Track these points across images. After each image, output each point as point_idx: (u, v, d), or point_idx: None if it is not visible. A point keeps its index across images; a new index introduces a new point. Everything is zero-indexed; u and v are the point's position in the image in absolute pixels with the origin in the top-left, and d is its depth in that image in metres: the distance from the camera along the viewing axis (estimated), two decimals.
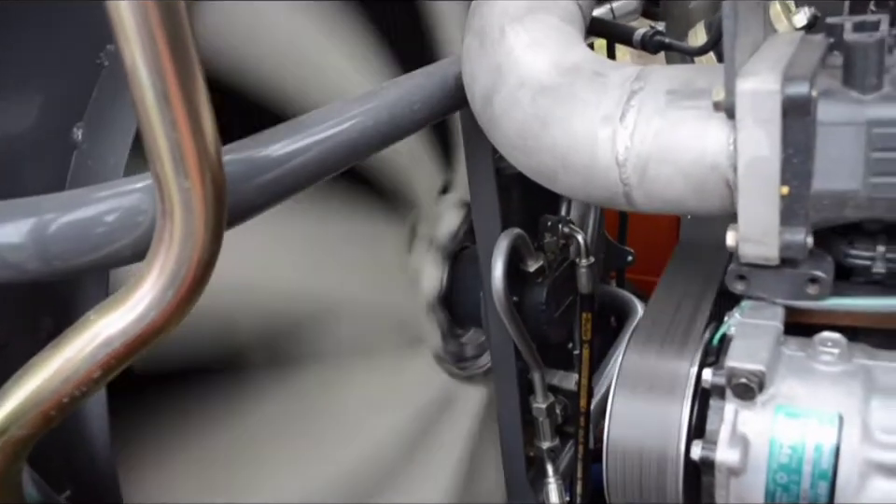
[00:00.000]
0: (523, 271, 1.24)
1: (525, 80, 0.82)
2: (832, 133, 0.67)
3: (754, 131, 0.66)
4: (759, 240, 0.70)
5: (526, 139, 0.82)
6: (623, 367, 0.77)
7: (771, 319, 0.74)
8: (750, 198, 0.69)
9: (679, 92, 0.74)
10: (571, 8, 0.91)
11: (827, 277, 0.72)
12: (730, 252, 0.75)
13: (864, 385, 0.69)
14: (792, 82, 0.64)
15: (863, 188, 0.67)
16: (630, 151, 0.75)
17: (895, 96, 0.66)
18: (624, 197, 0.77)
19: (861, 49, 0.66)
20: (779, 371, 0.71)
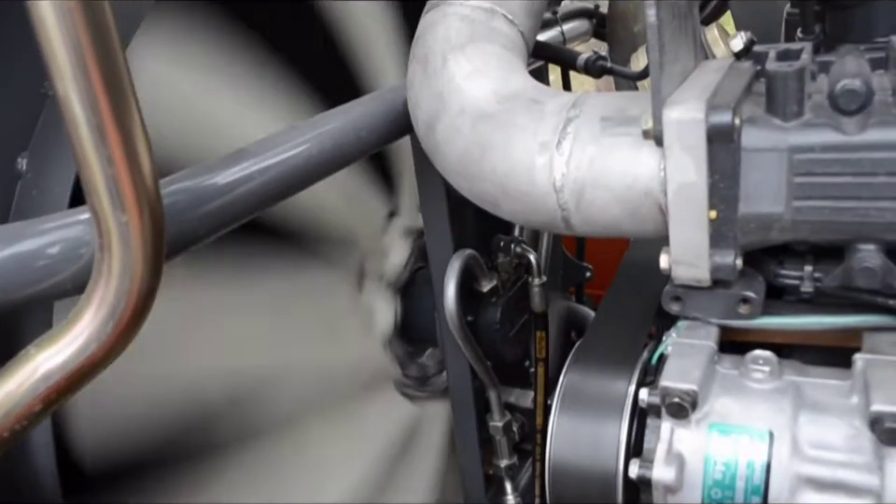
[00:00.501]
0: (477, 291, 1.26)
1: (465, 108, 0.84)
2: (756, 159, 0.70)
3: (681, 158, 0.69)
4: (690, 262, 0.73)
5: (468, 166, 0.84)
6: (564, 387, 0.80)
7: (705, 339, 0.76)
8: (680, 222, 0.72)
9: (613, 119, 0.77)
10: (513, 36, 0.94)
11: (757, 297, 0.75)
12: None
13: (794, 401, 0.72)
14: (716, 111, 0.68)
15: (787, 211, 0.70)
16: (567, 177, 0.77)
17: (815, 123, 0.69)
18: (563, 221, 0.80)
19: (781, 78, 0.69)
20: (713, 390, 0.74)
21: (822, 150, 0.68)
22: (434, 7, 0.96)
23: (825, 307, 0.78)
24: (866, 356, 0.71)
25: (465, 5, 0.94)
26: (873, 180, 0.67)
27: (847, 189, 0.68)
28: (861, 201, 0.67)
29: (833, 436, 0.69)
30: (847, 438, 0.69)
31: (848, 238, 0.69)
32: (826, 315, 0.76)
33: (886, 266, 0.68)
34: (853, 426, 0.69)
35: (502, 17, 0.94)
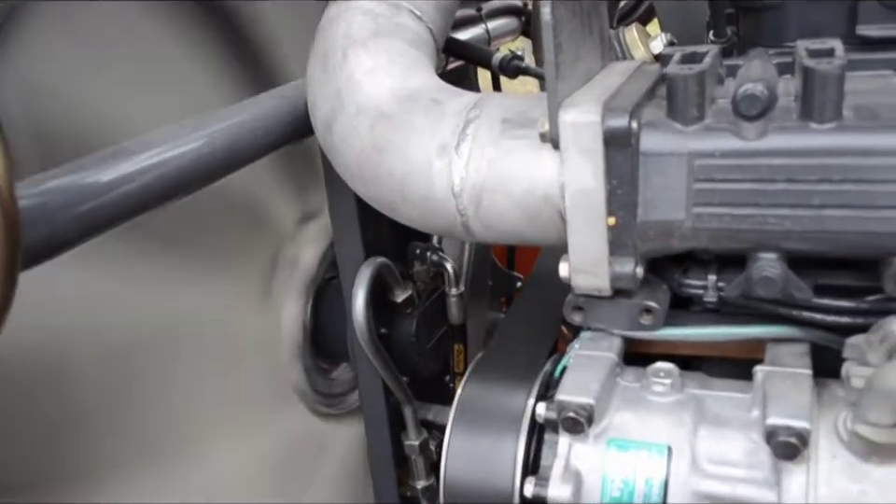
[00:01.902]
0: (391, 301, 1.25)
1: (363, 107, 0.84)
2: (655, 164, 0.71)
3: (578, 162, 0.70)
4: (589, 271, 0.74)
5: (364, 168, 0.83)
6: (460, 402, 0.80)
7: (607, 350, 0.77)
8: (578, 229, 0.73)
9: (513, 121, 0.77)
10: (420, 32, 0.94)
11: (660, 307, 0.76)
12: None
13: (694, 414, 0.73)
14: (613, 114, 0.68)
15: (687, 218, 0.71)
16: (465, 181, 0.77)
17: (716, 128, 0.71)
18: (463, 227, 0.80)
19: (680, 82, 0.70)
20: (613, 403, 0.75)
21: (722, 156, 0.69)
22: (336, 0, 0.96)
23: (732, 317, 0.80)
24: (766, 367, 0.73)
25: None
26: (771, 187, 0.68)
27: (746, 196, 0.69)
28: (760, 208, 0.69)
29: (733, 451, 0.70)
30: (745, 452, 0.70)
31: (749, 246, 0.71)
32: (730, 326, 0.77)
33: (786, 275, 0.70)
34: (752, 440, 0.70)
35: (409, 12, 0.94)
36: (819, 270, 0.75)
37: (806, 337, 0.76)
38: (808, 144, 0.67)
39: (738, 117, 0.71)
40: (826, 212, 0.67)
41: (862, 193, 0.66)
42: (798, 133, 0.68)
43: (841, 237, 0.68)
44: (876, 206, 0.66)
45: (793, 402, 0.68)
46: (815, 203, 0.67)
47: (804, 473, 0.67)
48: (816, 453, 0.68)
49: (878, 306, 0.72)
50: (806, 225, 0.68)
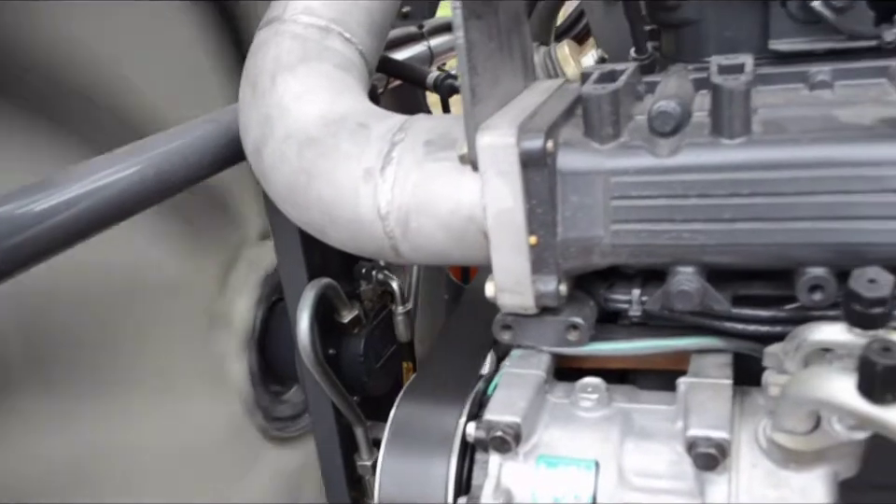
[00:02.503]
0: (338, 322, 1.26)
1: (291, 132, 0.85)
2: (573, 183, 0.73)
3: (497, 183, 0.72)
4: (514, 290, 0.76)
5: (294, 193, 0.85)
6: (393, 423, 0.81)
7: (535, 368, 0.79)
8: (501, 249, 0.74)
9: (436, 143, 0.79)
10: (349, 55, 0.96)
11: (586, 323, 0.78)
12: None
13: (621, 428, 0.75)
14: (528, 135, 0.70)
15: (606, 235, 0.73)
16: (391, 204, 0.79)
17: (631, 145, 0.73)
18: (392, 250, 0.81)
19: (595, 101, 0.72)
20: (543, 420, 0.76)
21: (636, 173, 0.71)
22: (267, 24, 0.97)
23: (659, 330, 0.82)
24: (689, 379, 0.75)
25: (298, 22, 0.95)
26: (685, 202, 0.71)
27: (661, 212, 0.71)
28: (676, 223, 0.71)
29: (658, 462, 0.72)
30: (670, 464, 0.72)
31: (667, 261, 0.73)
32: (655, 339, 0.80)
33: (703, 288, 0.72)
34: (676, 451, 0.72)
35: (338, 35, 0.96)
36: (739, 281, 0.77)
37: (729, 347, 0.78)
38: (718, 159, 0.70)
39: (653, 133, 0.73)
40: (737, 225, 0.70)
41: (771, 206, 0.69)
42: (708, 149, 0.70)
43: (753, 249, 0.70)
44: (784, 219, 0.69)
45: (713, 413, 0.70)
46: (726, 216, 0.70)
47: (725, 482, 0.70)
48: (737, 461, 0.70)
49: (795, 315, 0.74)
50: (719, 239, 0.70)
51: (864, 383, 0.59)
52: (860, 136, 0.68)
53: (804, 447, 0.67)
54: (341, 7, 0.97)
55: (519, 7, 0.85)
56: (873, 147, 0.67)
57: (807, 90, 0.79)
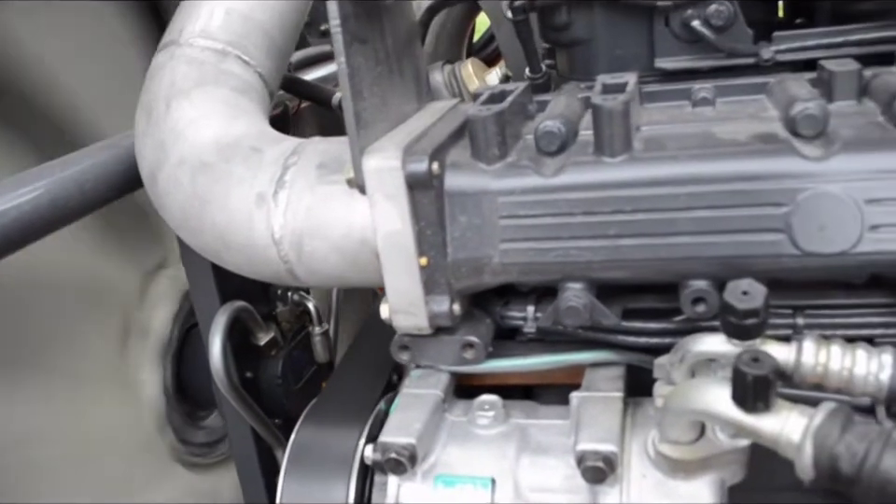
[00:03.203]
0: (254, 345, 1.26)
1: (185, 158, 0.85)
2: (461, 204, 0.74)
3: (385, 206, 0.73)
4: (408, 311, 0.77)
5: (189, 219, 0.85)
6: (293, 447, 0.81)
7: (433, 387, 0.80)
8: (393, 270, 0.75)
9: (329, 166, 0.80)
10: (247, 78, 0.96)
11: (481, 341, 0.79)
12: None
13: (518, 444, 0.76)
14: (413, 158, 0.71)
15: (496, 254, 0.74)
16: (285, 228, 0.79)
17: (517, 165, 0.74)
18: (288, 274, 0.82)
19: (480, 122, 0.74)
20: (440, 439, 0.77)
21: (522, 193, 0.73)
22: (164, 48, 0.97)
23: (556, 345, 0.83)
24: (581, 393, 0.77)
25: (195, 46, 0.95)
26: (571, 220, 0.72)
27: (548, 231, 0.73)
28: (562, 241, 0.73)
29: (553, 477, 0.74)
30: (564, 478, 0.73)
31: (556, 278, 0.75)
32: (550, 354, 0.81)
33: (591, 304, 0.74)
34: (571, 465, 0.73)
35: (236, 58, 0.96)
36: (630, 295, 0.79)
37: (621, 360, 0.80)
38: (600, 177, 0.72)
39: (540, 153, 0.75)
40: (622, 241, 0.72)
41: (653, 222, 0.71)
42: (591, 168, 0.72)
43: (637, 264, 0.72)
44: (666, 234, 0.71)
45: (602, 427, 0.72)
46: (611, 233, 0.72)
47: (617, 494, 0.71)
48: (628, 472, 0.72)
49: (683, 326, 0.76)
50: (605, 255, 0.72)
51: (737, 393, 0.61)
52: (734, 153, 0.70)
53: (689, 456, 0.69)
54: (238, 30, 0.97)
55: (411, 29, 0.86)
56: (746, 162, 0.69)
57: (690, 106, 0.82)
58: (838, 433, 0.58)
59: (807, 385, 0.66)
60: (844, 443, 0.58)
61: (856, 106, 0.75)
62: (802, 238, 0.68)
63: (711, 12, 0.85)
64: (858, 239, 0.68)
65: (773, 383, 0.60)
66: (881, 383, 0.63)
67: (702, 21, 0.86)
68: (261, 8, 1.00)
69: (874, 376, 0.63)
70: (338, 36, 0.70)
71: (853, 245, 0.68)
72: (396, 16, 0.82)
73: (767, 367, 0.60)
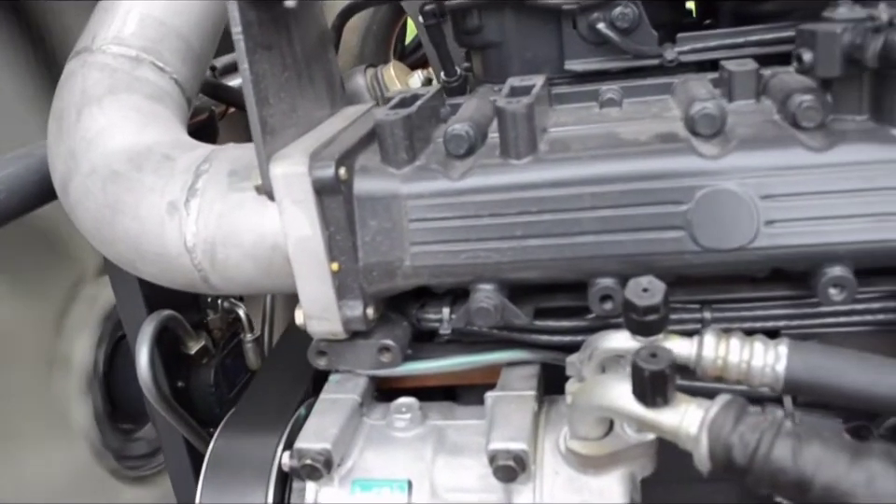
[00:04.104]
0: (185, 354, 1.25)
1: (96, 167, 0.85)
2: (371, 208, 0.75)
3: (294, 212, 0.73)
4: (321, 316, 0.77)
5: (101, 229, 0.84)
6: (211, 456, 0.81)
7: (351, 392, 0.81)
8: (305, 276, 0.76)
9: (240, 173, 0.80)
10: (163, 84, 0.95)
11: (397, 344, 0.80)
12: None
13: (434, 446, 0.77)
14: (319, 164, 0.72)
15: (407, 257, 0.75)
16: (197, 237, 0.79)
17: (428, 168, 0.75)
18: (203, 282, 0.82)
19: (387, 127, 0.75)
20: (358, 443, 0.78)
21: (431, 196, 0.74)
22: (76, 55, 0.96)
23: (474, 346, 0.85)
24: (496, 393, 0.78)
25: (108, 53, 0.94)
26: (479, 222, 0.74)
27: (457, 233, 0.74)
28: (471, 243, 0.74)
29: (468, 477, 0.75)
30: (479, 477, 0.75)
31: (467, 279, 0.76)
32: (467, 355, 0.82)
33: (502, 304, 0.75)
34: (485, 465, 0.74)
35: (150, 65, 0.95)
36: (543, 294, 0.81)
37: (535, 359, 0.81)
38: (507, 180, 0.73)
39: (448, 156, 0.76)
40: (529, 242, 0.73)
41: (558, 222, 0.72)
42: (497, 170, 0.73)
43: (545, 264, 0.74)
44: (571, 233, 0.72)
45: (513, 425, 0.73)
46: (518, 234, 0.73)
47: (530, 491, 0.73)
48: (541, 469, 0.74)
49: (595, 323, 0.78)
50: (513, 256, 0.74)
51: (637, 388, 0.63)
52: (635, 152, 0.72)
53: (598, 452, 0.71)
54: (153, 36, 0.96)
55: (322, 34, 0.87)
56: (646, 161, 0.71)
57: (598, 107, 0.84)
58: (732, 424, 0.60)
59: (709, 378, 0.68)
60: (737, 434, 0.60)
61: (754, 105, 0.78)
62: (701, 235, 0.71)
63: (616, 15, 0.87)
64: (755, 234, 0.70)
65: (670, 378, 0.62)
66: (777, 374, 0.65)
67: (607, 24, 0.88)
68: (177, 13, 1.00)
69: (770, 367, 0.65)
70: (240, 43, 0.71)
71: (750, 240, 0.70)
72: (305, 21, 0.82)
73: (664, 362, 0.61)
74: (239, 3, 0.70)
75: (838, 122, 0.71)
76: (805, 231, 0.70)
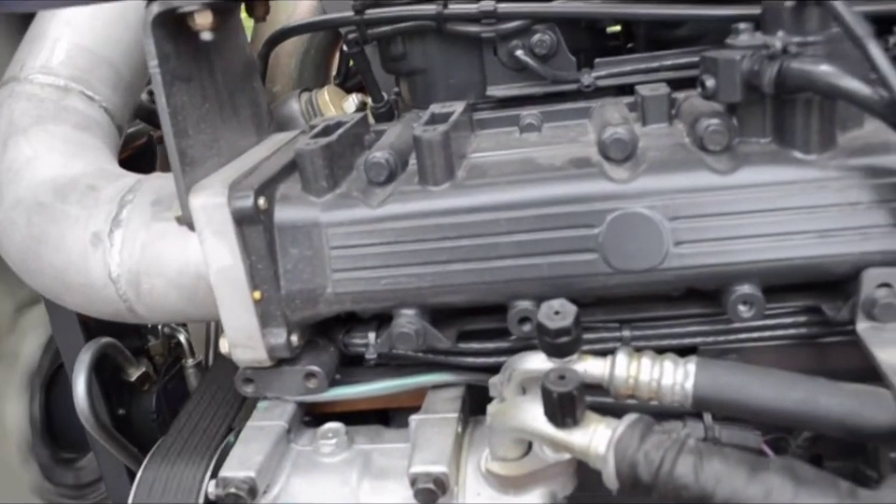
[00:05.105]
0: (125, 381, 1.25)
1: (21, 199, 0.85)
2: (292, 237, 0.77)
3: (214, 242, 0.75)
4: (246, 344, 0.78)
5: (27, 260, 0.85)
6: (138, 486, 0.82)
7: (278, 419, 0.82)
8: (228, 305, 0.77)
9: (164, 203, 0.81)
10: (91, 113, 0.97)
11: (323, 370, 0.82)
12: None
13: (360, 470, 0.79)
14: (238, 194, 0.74)
15: (329, 284, 0.77)
16: (121, 267, 0.80)
17: (348, 196, 0.77)
18: (129, 312, 0.83)
19: (307, 156, 0.76)
20: (285, 470, 0.79)
21: (351, 224, 0.76)
22: (4, 84, 0.97)
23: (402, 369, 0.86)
24: (420, 416, 0.80)
25: (35, 82, 0.95)
26: (400, 248, 0.75)
27: (378, 259, 0.76)
28: (392, 269, 0.76)
29: (392, 501, 0.76)
30: (403, 501, 0.76)
31: (389, 305, 0.78)
32: (392, 379, 0.84)
33: (423, 329, 0.77)
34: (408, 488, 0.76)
35: (79, 94, 0.97)
36: (467, 317, 0.83)
37: (459, 381, 0.83)
38: (424, 206, 0.75)
39: (370, 184, 0.78)
40: (448, 267, 0.75)
41: (476, 247, 0.75)
42: (415, 197, 0.76)
43: (465, 289, 0.76)
44: (489, 258, 0.75)
45: (434, 448, 0.75)
46: (437, 259, 0.75)
47: None
48: (464, 491, 0.75)
49: (517, 345, 0.80)
50: (433, 281, 0.76)
51: (547, 410, 0.65)
52: (549, 178, 0.75)
53: (517, 472, 0.73)
54: (82, 65, 0.98)
55: (247, 64, 0.89)
56: (559, 186, 0.74)
57: (518, 132, 0.86)
58: (637, 443, 0.63)
59: (622, 398, 0.70)
60: (642, 452, 0.62)
61: (667, 129, 0.81)
62: (613, 257, 0.73)
63: (535, 42, 0.90)
64: (664, 255, 0.73)
65: (578, 399, 0.64)
66: (686, 391, 0.67)
67: (526, 51, 0.91)
68: (107, 42, 1.01)
69: (680, 385, 0.67)
70: (157, 76, 0.72)
71: (660, 261, 0.73)
72: (227, 52, 0.84)
73: (572, 384, 0.64)
74: (155, 35, 0.72)
75: (744, 145, 0.74)
76: (712, 251, 0.72)
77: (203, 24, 0.73)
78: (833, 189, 0.71)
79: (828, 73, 0.66)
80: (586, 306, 0.82)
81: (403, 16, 0.92)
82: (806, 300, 0.78)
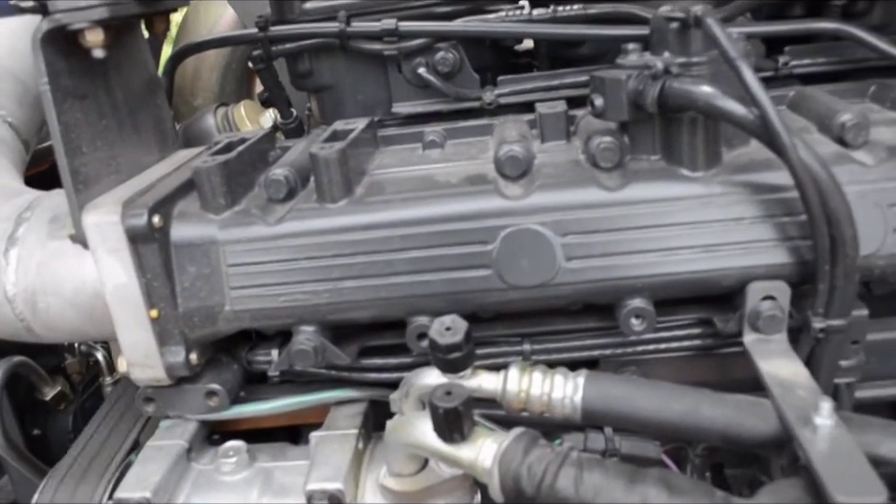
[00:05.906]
0: (40, 400, 1.24)
1: None
2: (189, 255, 0.77)
3: (109, 261, 0.75)
4: (144, 363, 0.79)
5: None
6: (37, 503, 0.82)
7: (179, 438, 0.82)
8: (124, 324, 0.77)
9: (61, 220, 0.81)
10: None
11: (224, 388, 0.82)
12: None
13: (261, 488, 0.79)
14: (132, 213, 0.74)
15: (227, 302, 0.78)
16: (17, 286, 0.80)
17: (247, 213, 0.78)
18: (27, 331, 0.82)
19: (204, 174, 0.77)
20: (184, 489, 0.80)
21: (248, 241, 0.77)
22: None
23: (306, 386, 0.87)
24: (320, 432, 0.81)
25: None
26: (296, 266, 0.77)
27: (275, 276, 0.77)
28: (289, 286, 0.77)
29: None
30: None
31: (288, 322, 0.79)
32: (293, 397, 0.85)
33: (322, 346, 0.78)
34: None
35: None
36: (369, 333, 0.84)
37: (361, 397, 0.84)
38: (321, 224, 0.76)
39: (269, 201, 0.79)
40: (345, 283, 0.77)
41: (372, 264, 0.76)
42: (313, 214, 0.77)
43: (362, 305, 0.77)
44: (385, 274, 0.76)
45: (331, 465, 0.76)
46: (334, 276, 0.76)
47: None
48: None
49: (419, 360, 0.82)
50: (331, 297, 0.77)
51: (436, 425, 0.66)
52: (443, 195, 0.76)
53: (411, 487, 0.74)
54: None
55: (150, 81, 0.89)
56: (452, 203, 0.76)
57: (422, 149, 0.88)
58: (521, 456, 0.64)
59: (515, 411, 0.72)
60: (525, 465, 0.64)
61: (564, 146, 0.83)
62: (506, 272, 0.75)
63: (438, 59, 0.92)
64: (556, 271, 0.75)
65: (465, 414, 0.65)
66: (575, 404, 0.69)
67: (429, 69, 0.93)
68: (12, 56, 1.01)
69: (569, 398, 0.69)
70: (46, 94, 0.72)
71: (552, 276, 0.75)
72: (127, 69, 0.84)
73: (458, 399, 0.65)
74: (45, 52, 0.72)
75: (634, 162, 0.77)
76: (603, 265, 0.75)
77: (95, 42, 0.73)
78: (717, 205, 0.74)
79: (707, 93, 0.69)
80: (487, 321, 0.84)
81: (306, 33, 0.94)
82: (699, 312, 0.81)
